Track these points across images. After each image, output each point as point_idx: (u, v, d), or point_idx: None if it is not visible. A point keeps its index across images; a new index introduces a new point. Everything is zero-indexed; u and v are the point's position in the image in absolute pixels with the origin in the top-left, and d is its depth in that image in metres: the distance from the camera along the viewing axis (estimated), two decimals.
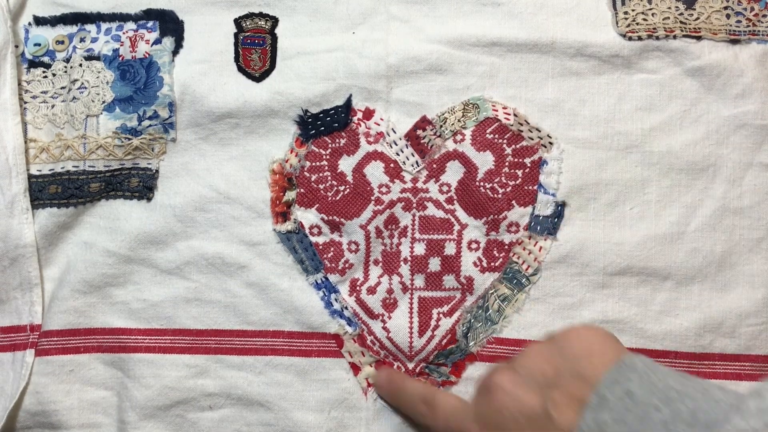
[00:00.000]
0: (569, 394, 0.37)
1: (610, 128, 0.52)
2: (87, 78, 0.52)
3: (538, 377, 0.39)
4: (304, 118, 0.52)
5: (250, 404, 0.51)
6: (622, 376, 0.35)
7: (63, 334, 0.52)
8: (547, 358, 0.39)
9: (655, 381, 0.35)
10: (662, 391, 0.34)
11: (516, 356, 0.42)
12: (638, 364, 0.36)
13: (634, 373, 0.35)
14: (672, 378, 0.35)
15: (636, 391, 0.34)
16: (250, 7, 0.54)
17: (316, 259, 0.51)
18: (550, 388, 0.38)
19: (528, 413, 0.38)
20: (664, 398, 0.34)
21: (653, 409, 0.33)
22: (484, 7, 0.53)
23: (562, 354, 0.39)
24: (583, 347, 0.39)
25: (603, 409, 0.35)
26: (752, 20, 0.52)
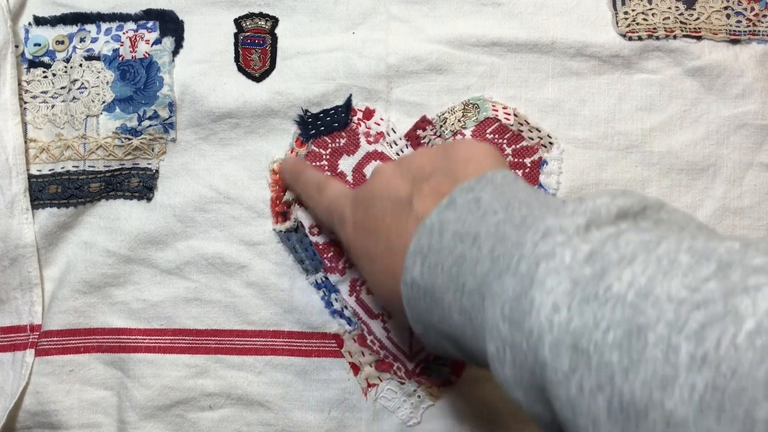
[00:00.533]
0: (436, 188, 0.38)
1: (610, 128, 0.52)
2: (87, 78, 0.52)
3: (416, 171, 0.40)
4: (304, 118, 0.52)
5: (250, 404, 0.51)
6: (478, 185, 0.37)
7: (63, 334, 0.52)
8: (431, 157, 0.41)
9: (506, 192, 0.36)
10: (507, 200, 0.35)
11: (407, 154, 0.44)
12: (498, 178, 0.37)
13: (490, 185, 0.37)
14: (523, 191, 0.36)
15: (484, 198, 0.36)
16: (250, 7, 0.54)
17: (316, 259, 0.52)
18: (422, 181, 0.39)
19: (394, 197, 0.40)
20: (505, 205, 0.35)
21: (492, 212, 0.35)
22: (484, 7, 0.53)
23: (446, 155, 0.40)
24: (465, 154, 0.40)
25: (450, 209, 0.36)
26: (752, 20, 0.52)
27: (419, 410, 0.51)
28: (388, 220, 0.40)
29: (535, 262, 0.30)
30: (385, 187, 0.41)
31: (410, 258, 0.37)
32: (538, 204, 0.34)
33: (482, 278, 0.33)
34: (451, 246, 0.35)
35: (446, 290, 0.35)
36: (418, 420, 0.51)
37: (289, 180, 0.51)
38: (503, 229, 0.33)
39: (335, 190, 0.46)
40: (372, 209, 0.41)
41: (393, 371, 0.51)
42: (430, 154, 0.41)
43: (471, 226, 0.35)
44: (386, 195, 0.40)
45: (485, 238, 0.34)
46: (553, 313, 0.29)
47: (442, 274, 0.35)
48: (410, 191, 0.39)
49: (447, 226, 0.36)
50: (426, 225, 0.37)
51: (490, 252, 0.33)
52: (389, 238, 0.39)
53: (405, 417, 0.51)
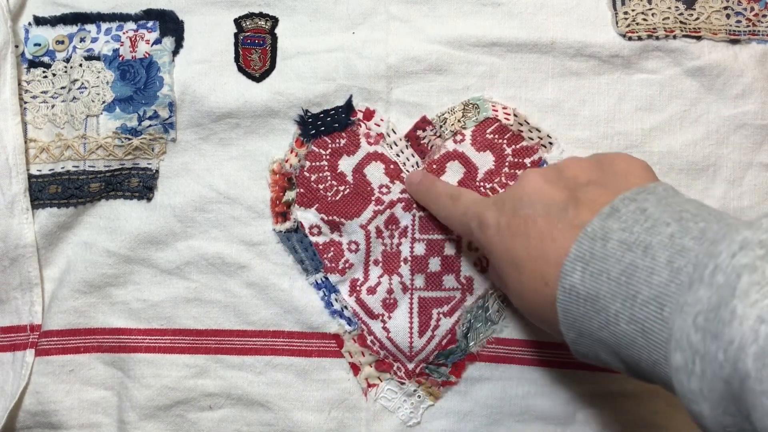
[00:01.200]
0: (594, 199, 0.37)
1: (610, 128, 0.52)
2: (87, 78, 0.52)
3: (570, 180, 0.40)
4: (304, 119, 0.52)
5: (250, 404, 0.51)
6: (640, 197, 0.36)
7: (63, 334, 0.52)
8: (585, 167, 0.41)
9: (672, 203, 0.35)
10: (677, 212, 0.35)
11: (556, 162, 0.43)
12: (660, 189, 0.37)
13: (652, 196, 0.36)
14: (691, 204, 0.36)
15: (650, 209, 0.35)
16: (250, 7, 0.54)
17: (316, 259, 0.52)
18: (577, 190, 0.39)
19: (548, 203, 0.39)
20: (676, 217, 0.34)
21: (663, 224, 0.34)
22: (484, 7, 0.53)
23: (601, 168, 0.40)
24: (623, 167, 0.40)
25: (612, 218, 0.36)
26: (752, 20, 0.52)
27: (419, 410, 0.51)
28: (540, 225, 0.38)
29: (736, 274, 0.30)
30: (536, 191, 0.40)
31: (570, 263, 0.36)
32: (713, 218, 0.34)
33: (661, 288, 0.33)
34: (618, 255, 0.35)
35: (613, 299, 0.35)
36: (418, 420, 0.51)
37: (417, 192, 0.50)
38: (681, 242, 0.33)
39: (470, 197, 0.46)
40: (521, 212, 0.40)
41: (393, 371, 0.51)
42: (584, 164, 0.41)
43: (640, 235, 0.34)
44: (538, 199, 0.39)
45: (659, 248, 0.33)
46: (758, 323, 0.29)
47: (609, 282, 0.35)
48: (565, 199, 0.39)
49: (611, 235, 0.35)
50: (587, 231, 0.36)
51: (669, 263, 0.33)
52: (541, 242, 0.38)
53: (405, 417, 0.51)
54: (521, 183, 0.41)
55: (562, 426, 0.50)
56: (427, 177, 0.50)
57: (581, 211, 0.37)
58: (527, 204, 0.40)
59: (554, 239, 0.37)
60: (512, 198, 0.41)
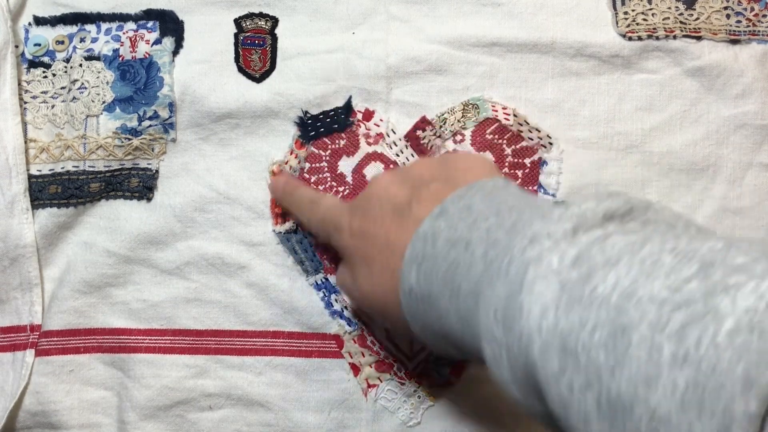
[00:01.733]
0: (434, 194, 0.39)
1: (610, 128, 0.52)
2: (87, 78, 0.52)
3: (414, 179, 0.41)
4: (303, 120, 0.52)
5: (250, 404, 0.51)
6: (469, 193, 0.38)
7: (63, 334, 0.52)
8: (429, 167, 0.42)
9: (495, 198, 0.37)
10: (497, 205, 0.36)
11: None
12: (489, 185, 0.38)
13: (480, 192, 0.38)
14: (513, 196, 0.37)
15: (475, 205, 0.37)
16: (250, 7, 0.54)
17: (316, 260, 0.52)
18: (420, 187, 0.40)
19: (393, 201, 0.41)
20: (495, 210, 0.36)
21: (483, 218, 0.36)
22: (484, 7, 0.53)
23: (444, 166, 0.42)
24: (465, 164, 0.41)
25: (442, 217, 0.37)
26: (752, 20, 0.52)
27: (419, 411, 0.51)
28: (387, 223, 0.40)
29: (524, 267, 0.31)
30: (383, 192, 0.42)
31: (407, 265, 0.38)
32: (527, 209, 0.35)
33: (476, 282, 0.34)
34: (444, 252, 0.36)
35: (442, 295, 0.36)
36: (418, 420, 0.51)
37: (282, 198, 0.51)
38: (494, 235, 0.34)
39: (329, 202, 0.47)
40: (370, 213, 0.42)
41: (393, 372, 0.51)
42: (429, 163, 0.42)
43: (463, 232, 0.36)
44: (385, 199, 0.41)
45: (477, 243, 0.35)
46: (541, 316, 0.30)
47: (438, 280, 0.36)
48: (409, 196, 0.40)
49: (440, 234, 0.37)
50: (419, 233, 0.38)
51: (483, 256, 0.34)
52: (388, 238, 0.40)
53: (405, 417, 0.51)
54: (371, 186, 0.43)
55: None
56: (290, 182, 0.51)
57: (422, 207, 0.39)
58: (376, 204, 0.41)
59: (399, 236, 0.39)
60: (363, 200, 0.43)
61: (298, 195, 0.50)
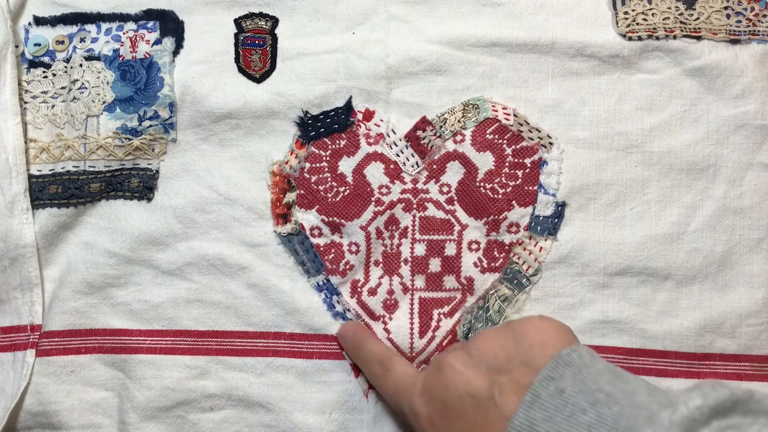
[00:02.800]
0: (516, 381, 0.38)
1: (610, 128, 0.52)
2: (87, 78, 0.52)
3: (489, 361, 0.40)
4: (304, 120, 0.52)
5: (251, 405, 0.51)
6: (557, 373, 0.37)
7: (64, 334, 0.52)
8: (501, 344, 0.40)
9: (587, 380, 0.36)
10: (592, 392, 0.35)
11: (472, 339, 0.42)
12: (575, 358, 0.37)
13: (568, 369, 0.37)
14: (604, 377, 0.36)
15: (567, 390, 0.36)
16: (250, 7, 0.54)
17: (317, 261, 0.52)
18: (499, 373, 0.39)
19: (473, 393, 0.39)
20: (592, 400, 0.35)
21: (580, 411, 0.35)
22: (484, 7, 0.53)
23: (516, 341, 0.40)
24: (538, 337, 0.39)
25: (535, 406, 0.36)
26: (752, 20, 0.52)
27: None
28: (471, 418, 0.39)
29: None
30: (460, 382, 0.40)
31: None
32: (627, 401, 0.34)
33: None
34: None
35: None
36: None
37: (349, 351, 0.50)
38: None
39: (401, 372, 0.46)
40: (450, 406, 0.40)
41: None
42: (500, 341, 0.41)
43: (562, 426, 0.35)
44: (464, 390, 0.40)
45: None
46: None
47: None
48: (489, 386, 0.39)
49: (537, 426, 0.36)
50: (515, 425, 0.36)
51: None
52: None
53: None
54: (445, 371, 0.41)
55: None
56: (358, 334, 0.50)
57: (507, 399, 0.37)
58: (455, 396, 0.40)
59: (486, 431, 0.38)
60: (439, 388, 0.41)
61: (367, 352, 0.48)
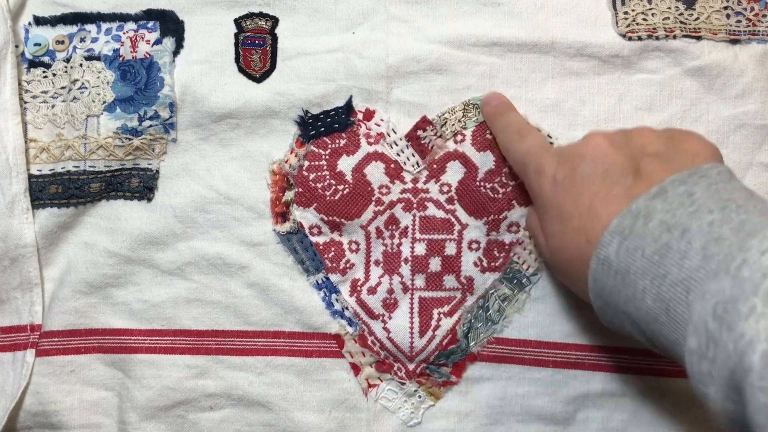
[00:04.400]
0: (653, 172, 0.38)
1: (610, 128, 0.52)
2: (87, 78, 0.52)
3: (636, 147, 0.40)
4: (304, 119, 0.52)
5: (250, 404, 0.51)
6: (691, 179, 0.37)
7: (64, 334, 0.52)
8: (654, 138, 0.41)
9: (721, 191, 0.36)
10: (723, 200, 0.35)
11: (627, 129, 0.43)
12: (713, 173, 0.37)
13: (704, 180, 0.37)
14: (739, 192, 0.36)
15: (697, 193, 0.36)
16: (250, 7, 0.54)
17: (317, 260, 0.52)
18: (642, 159, 0.40)
19: (608, 165, 0.40)
20: (721, 205, 0.35)
21: (706, 210, 0.35)
22: (484, 7, 0.53)
23: (672, 143, 0.41)
24: (692, 147, 0.40)
25: (659, 198, 0.37)
26: (752, 20, 0.52)
27: (420, 410, 0.51)
28: (596, 185, 0.40)
29: (762, 273, 0.31)
30: (600, 152, 0.41)
31: (608, 236, 0.37)
32: (757, 210, 0.35)
33: (690, 272, 0.34)
34: (656, 234, 0.36)
35: (643, 275, 0.36)
36: (418, 420, 0.51)
37: (491, 117, 0.51)
38: (719, 230, 0.34)
39: (537, 139, 0.47)
40: (580, 169, 0.41)
41: (393, 372, 0.51)
42: (656, 136, 0.41)
43: (681, 218, 0.35)
44: (600, 160, 0.40)
45: (697, 233, 0.34)
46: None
47: (642, 259, 0.36)
48: (626, 166, 0.40)
49: (654, 214, 0.36)
50: (632, 209, 0.37)
51: (702, 249, 0.34)
52: (593, 202, 0.39)
53: (406, 417, 0.51)
54: (587, 142, 0.42)
55: (562, 426, 0.50)
56: (503, 104, 0.51)
57: (638, 182, 0.38)
58: (590, 162, 0.41)
59: (605, 203, 0.39)
60: (575, 154, 0.42)
61: (507, 120, 0.49)
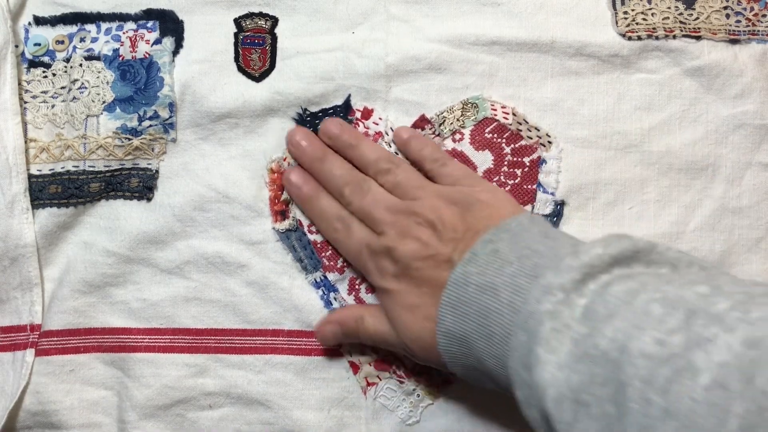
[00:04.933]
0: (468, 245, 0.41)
1: (609, 128, 0.52)
2: (87, 78, 0.52)
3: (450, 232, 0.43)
4: (302, 117, 0.52)
5: (250, 403, 0.51)
6: (496, 237, 0.40)
7: (63, 334, 0.52)
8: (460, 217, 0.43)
9: (519, 240, 0.39)
10: (521, 249, 0.39)
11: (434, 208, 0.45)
12: (514, 225, 0.41)
13: (506, 233, 0.40)
14: (535, 237, 0.39)
15: (501, 249, 0.39)
16: (249, 7, 0.54)
17: (315, 258, 0.52)
18: (457, 241, 0.42)
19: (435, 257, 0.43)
20: (519, 255, 0.38)
21: (508, 263, 0.38)
22: (484, 6, 0.53)
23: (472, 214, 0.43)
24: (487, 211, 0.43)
25: (472, 263, 0.40)
26: (752, 20, 0.52)
27: (418, 409, 0.51)
28: (426, 275, 0.42)
29: (539, 320, 0.34)
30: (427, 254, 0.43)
31: (442, 309, 0.41)
32: (546, 253, 0.37)
33: (505, 328, 0.37)
34: (476, 297, 0.39)
35: (477, 338, 0.39)
36: (417, 419, 0.51)
37: (301, 201, 0.51)
38: (518, 281, 0.37)
39: (360, 231, 0.47)
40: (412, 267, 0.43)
41: (392, 370, 0.51)
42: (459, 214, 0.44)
43: (490, 277, 0.38)
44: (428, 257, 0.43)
45: (503, 288, 0.37)
46: (555, 370, 0.32)
47: (471, 323, 0.39)
48: (450, 252, 0.42)
49: (470, 279, 0.39)
50: (452, 278, 0.40)
51: (509, 303, 0.37)
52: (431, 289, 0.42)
53: (404, 416, 0.51)
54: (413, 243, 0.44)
55: None
56: (309, 184, 0.51)
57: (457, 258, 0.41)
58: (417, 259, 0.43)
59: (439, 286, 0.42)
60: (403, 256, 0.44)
61: (321, 206, 0.50)
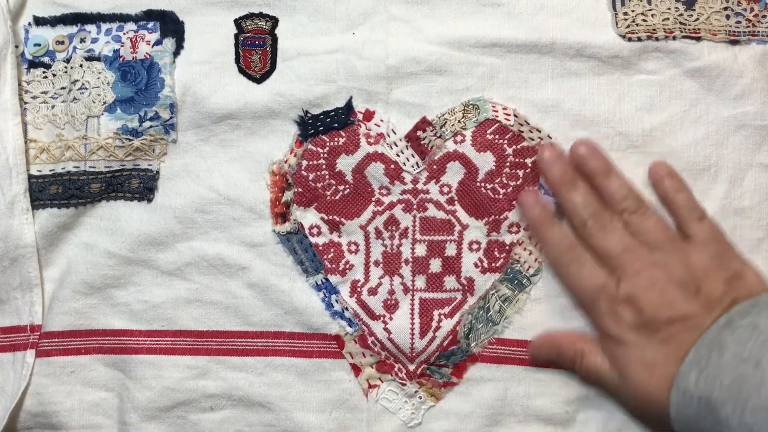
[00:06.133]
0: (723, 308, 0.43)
1: (611, 129, 0.52)
2: (87, 79, 0.52)
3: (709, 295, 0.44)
4: (304, 119, 0.52)
5: (251, 405, 0.51)
6: (754, 310, 0.41)
7: (64, 335, 0.52)
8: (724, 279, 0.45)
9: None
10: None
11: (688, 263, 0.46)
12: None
13: (765, 311, 0.41)
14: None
15: (761, 325, 0.40)
16: (250, 8, 0.54)
17: (316, 260, 0.52)
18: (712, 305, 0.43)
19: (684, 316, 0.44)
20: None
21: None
22: (484, 7, 0.53)
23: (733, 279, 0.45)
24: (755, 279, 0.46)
25: (728, 329, 0.41)
26: (752, 21, 0.52)
27: (420, 411, 0.51)
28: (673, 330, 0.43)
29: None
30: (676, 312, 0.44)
31: (686, 366, 0.41)
32: None
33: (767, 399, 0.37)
34: (732, 366, 0.39)
35: (724, 403, 0.39)
36: (419, 421, 0.51)
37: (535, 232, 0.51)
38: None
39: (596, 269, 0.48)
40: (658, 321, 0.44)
41: (394, 372, 0.51)
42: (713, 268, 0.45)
43: (753, 351, 0.39)
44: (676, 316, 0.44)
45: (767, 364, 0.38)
46: None
47: (721, 388, 0.39)
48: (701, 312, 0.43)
49: (727, 346, 0.40)
50: (704, 340, 0.41)
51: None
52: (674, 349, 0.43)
53: (406, 418, 0.51)
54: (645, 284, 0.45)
55: (563, 427, 0.50)
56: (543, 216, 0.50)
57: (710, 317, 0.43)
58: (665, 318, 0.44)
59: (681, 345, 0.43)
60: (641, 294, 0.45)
61: (551, 237, 0.49)
